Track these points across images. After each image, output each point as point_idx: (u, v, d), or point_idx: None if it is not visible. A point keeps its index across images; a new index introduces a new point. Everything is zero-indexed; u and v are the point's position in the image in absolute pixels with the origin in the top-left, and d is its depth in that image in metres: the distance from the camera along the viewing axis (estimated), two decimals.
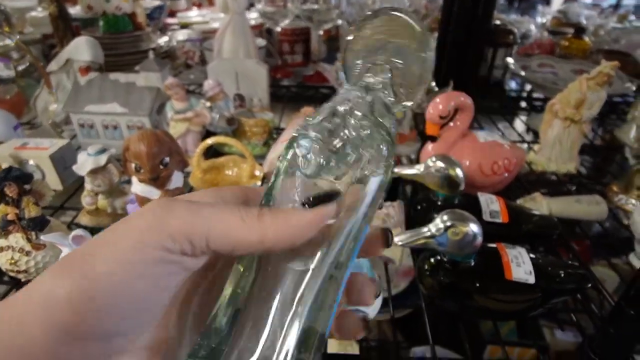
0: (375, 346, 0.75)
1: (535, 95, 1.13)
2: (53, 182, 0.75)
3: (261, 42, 1.20)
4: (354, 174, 0.20)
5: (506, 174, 0.67)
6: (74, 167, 0.61)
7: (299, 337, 0.18)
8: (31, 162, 0.74)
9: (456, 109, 0.64)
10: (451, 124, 0.66)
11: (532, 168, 0.77)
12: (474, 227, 0.43)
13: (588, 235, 0.71)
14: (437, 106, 0.63)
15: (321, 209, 0.19)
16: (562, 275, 0.46)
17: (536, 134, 0.95)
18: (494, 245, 0.47)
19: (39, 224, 0.54)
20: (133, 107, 0.80)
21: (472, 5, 0.97)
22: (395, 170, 0.60)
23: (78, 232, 0.43)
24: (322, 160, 0.19)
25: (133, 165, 0.51)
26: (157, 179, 0.52)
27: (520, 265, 0.44)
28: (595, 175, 0.91)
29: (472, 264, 0.45)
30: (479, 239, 0.43)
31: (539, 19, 1.73)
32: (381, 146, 0.20)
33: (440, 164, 0.57)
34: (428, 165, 0.58)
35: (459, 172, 0.56)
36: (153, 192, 0.54)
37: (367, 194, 0.20)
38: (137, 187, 0.53)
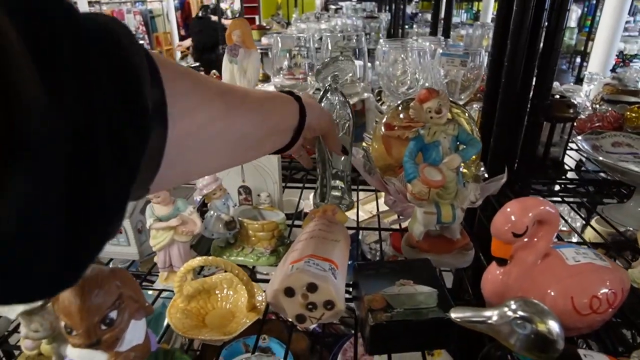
0: None
1: (608, 175, 0.94)
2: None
3: None
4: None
5: (610, 310, 0.46)
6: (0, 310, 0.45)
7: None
8: None
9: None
10: (525, 239, 0.47)
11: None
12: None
13: None
14: (509, 218, 0.44)
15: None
16: None
17: (619, 233, 0.75)
18: None
19: None
20: None
21: (524, 74, 0.82)
22: (453, 314, 0.41)
23: None
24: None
25: (62, 323, 0.34)
26: (98, 344, 0.35)
27: None
28: None
29: None
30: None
31: (586, 86, 1.57)
32: None
33: (522, 313, 0.38)
34: (504, 313, 0.38)
35: (553, 326, 0.37)
36: (96, 358, 0.36)
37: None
38: (73, 352, 0.36)
